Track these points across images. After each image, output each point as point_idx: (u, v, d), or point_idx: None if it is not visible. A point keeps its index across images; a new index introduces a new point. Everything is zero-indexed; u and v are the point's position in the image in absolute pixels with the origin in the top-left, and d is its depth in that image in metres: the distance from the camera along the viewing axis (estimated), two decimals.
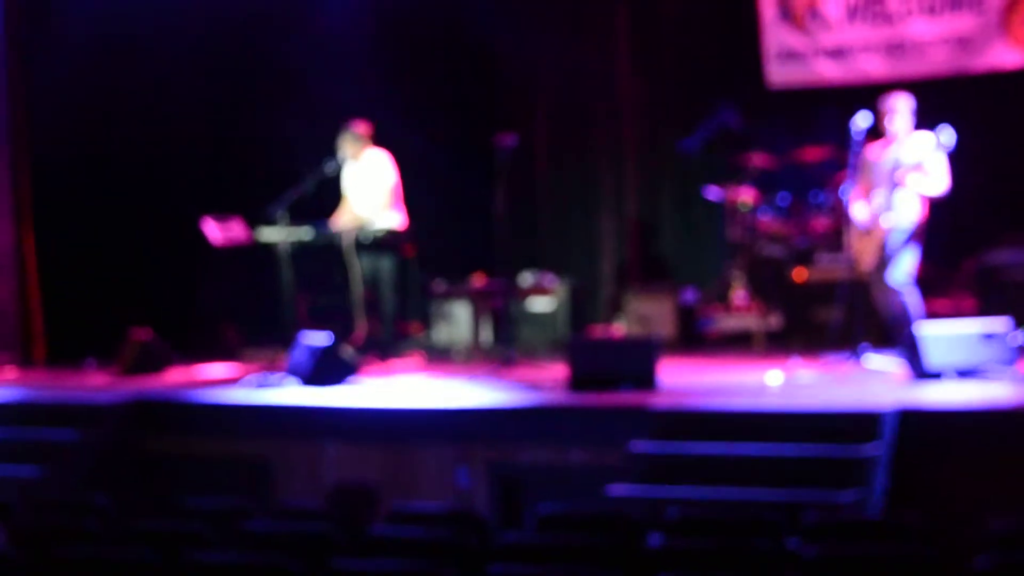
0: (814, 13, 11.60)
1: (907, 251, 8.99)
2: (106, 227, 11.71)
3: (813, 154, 10.87)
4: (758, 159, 10.98)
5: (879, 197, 9.01)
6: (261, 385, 9.21)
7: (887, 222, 8.93)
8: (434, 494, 8.00)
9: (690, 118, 11.37)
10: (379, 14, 12.38)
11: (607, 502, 7.19)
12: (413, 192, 10.77)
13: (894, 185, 8.96)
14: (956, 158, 8.92)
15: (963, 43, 11.04)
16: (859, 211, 9.16)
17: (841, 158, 10.01)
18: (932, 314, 9.02)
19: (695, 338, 10.81)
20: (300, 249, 10.36)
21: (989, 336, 8.26)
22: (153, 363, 10.40)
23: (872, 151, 9.17)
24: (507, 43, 12.49)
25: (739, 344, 10.55)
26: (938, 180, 8.89)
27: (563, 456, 7.96)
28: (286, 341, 9.87)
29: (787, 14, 11.68)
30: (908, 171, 8.91)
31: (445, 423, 8.31)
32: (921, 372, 8.24)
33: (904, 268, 8.98)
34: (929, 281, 9.56)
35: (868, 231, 9.06)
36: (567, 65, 12.53)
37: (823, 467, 7.12)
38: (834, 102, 10.95)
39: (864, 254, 9.13)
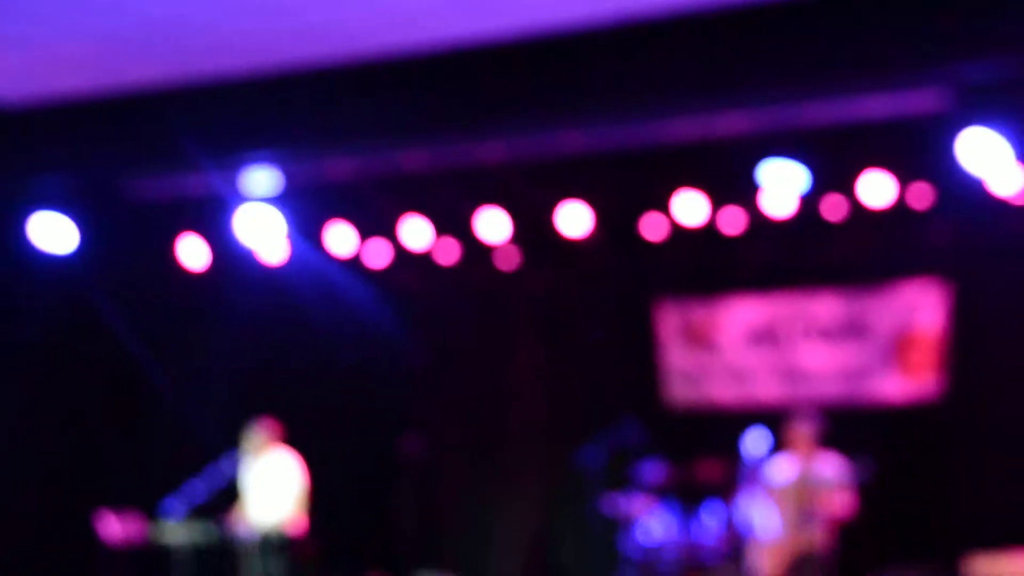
0: (711, 337, 12.05)
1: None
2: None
3: (708, 469, 11.10)
4: (655, 472, 11.19)
5: (789, 514, 9.14)
6: None
7: (801, 538, 9.04)
8: None
9: (590, 431, 11.60)
10: (283, 313, 12.55)
11: None
12: (314, 482, 10.80)
13: (806, 506, 9.12)
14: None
15: (854, 372, 11.48)
16: (765, 524, 9.27)
17: (735, 474, 10.29)
18: None
19: None
20: (195, 548, 10.30)
21: None
22: None
23: (775, 467, 9.34)
24: (416, 350, 12.76)
25: None
26: (848, 504, 9.12)
27: None
28: None
29: (686, 337, 12.12)
30: (818, 493, 9.10)
31: None
32: None
33: None
34: None
35: (775, 545, 9.18)
36: (471, 372, 12.80)
37: None
38: (729, 420, 11.29)
39: (770, 567, 9.25)
